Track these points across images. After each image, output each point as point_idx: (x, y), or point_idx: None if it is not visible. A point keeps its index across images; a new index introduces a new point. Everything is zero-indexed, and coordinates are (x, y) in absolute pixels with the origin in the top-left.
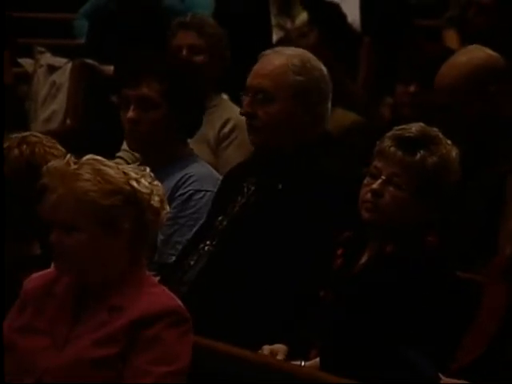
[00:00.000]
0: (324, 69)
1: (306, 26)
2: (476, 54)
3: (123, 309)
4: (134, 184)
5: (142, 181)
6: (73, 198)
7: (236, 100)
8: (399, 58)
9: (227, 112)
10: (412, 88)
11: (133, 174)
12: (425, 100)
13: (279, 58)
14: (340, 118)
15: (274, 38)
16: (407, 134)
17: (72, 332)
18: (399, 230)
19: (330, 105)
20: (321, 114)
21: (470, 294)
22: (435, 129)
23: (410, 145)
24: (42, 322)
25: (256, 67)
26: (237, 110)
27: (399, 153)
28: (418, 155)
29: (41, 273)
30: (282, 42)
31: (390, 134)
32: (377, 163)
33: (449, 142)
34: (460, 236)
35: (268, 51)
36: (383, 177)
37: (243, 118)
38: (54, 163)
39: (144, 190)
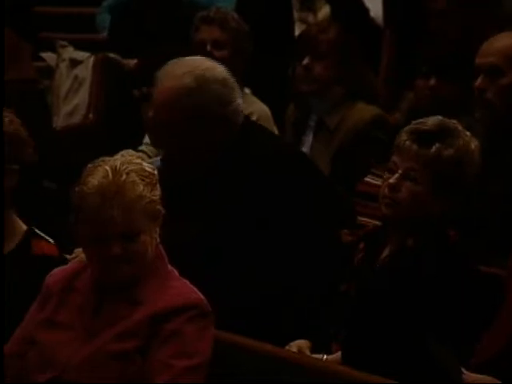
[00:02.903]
0: (219, 72)
1: (325, 21)
2: None
3: (144, 303)
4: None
5: None
6: (132, 205)
7: (258, 94)
8: (420, 52)
9: (250, 106)
10: (432, 82)
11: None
12: (445, 93)
13: (170, 81)
14: (361, 111)
15: (297, 32)
16: (423, 128)
17: (93, 325)
18: (420, 225)
19: (238, 100)
20: (229, 117)
21: (492, 289)
22: (454, 121)
23: (425, 138)
24: (64, 316)
25: (155, 91)
26: (259, 103)
27: (414, 146)
28: (434, 148)
29: (62, 267)
30: (304, 38)
31: (406, 128)
32: (394, 158)
33: (467, 133)
34: (483, 229)
35: (161, 72)
36: (400, 171)
37: (266, 111)
38: (91, 181)
39: None
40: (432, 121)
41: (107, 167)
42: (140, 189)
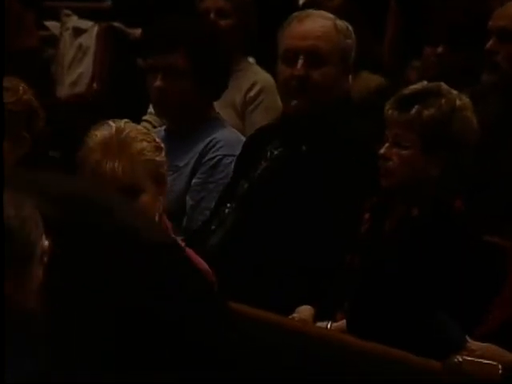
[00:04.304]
0: None
1: None
2: None
3: None
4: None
5: None
6: (134, 161)
7: (262, 63)
8: (428, 20)
9: (254, 75)
10: (440, 49)
11: None
12: (452, 61)
13: (325, 20)
14: (365, 81)
15: (301, 0)
16: (404, 93)
17: None
18: (418, 192)
19: None
20: (349, 77)
21: (497, 259)
22: (442, 83)
23: (405, 103)
24: None
25: (301, 28)
26: (264, 73)
27: (395, 113)
28: (413, 110)
29: None
30: (309, 5)
31: (391, 98)
32: (386, 130)
33: (453, 92)
34: (492, 198)
35: (303, 13)
36: (390, 140)
37: (270, 81)
38: (95, 134)
39: None
40: (416, 85)
41: (112, 124)
42: (142, 145)
